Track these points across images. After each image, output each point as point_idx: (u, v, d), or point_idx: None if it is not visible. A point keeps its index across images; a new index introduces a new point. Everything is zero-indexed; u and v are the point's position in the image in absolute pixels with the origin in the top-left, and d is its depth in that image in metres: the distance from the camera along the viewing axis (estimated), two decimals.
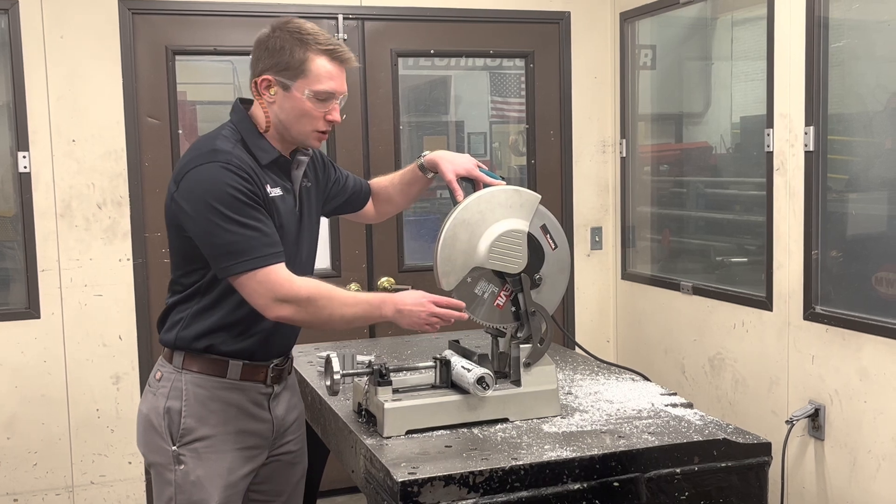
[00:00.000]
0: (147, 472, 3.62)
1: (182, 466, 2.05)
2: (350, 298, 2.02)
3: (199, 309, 2.06)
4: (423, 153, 2.36)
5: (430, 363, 2.26)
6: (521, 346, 2.19)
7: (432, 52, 4.11)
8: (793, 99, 3.13)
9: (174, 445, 2.06)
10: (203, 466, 2.05)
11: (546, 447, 1.97)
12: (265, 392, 2.15)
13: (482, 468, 1.84)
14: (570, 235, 4.25)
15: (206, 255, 1.97)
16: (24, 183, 3.52)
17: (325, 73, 2.01)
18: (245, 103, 2.12)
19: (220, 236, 1.92)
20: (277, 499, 2.26)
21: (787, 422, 3.10)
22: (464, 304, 2.08)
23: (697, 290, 3.75)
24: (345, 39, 3.88)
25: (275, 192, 2.04)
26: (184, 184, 1.96)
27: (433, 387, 2.21)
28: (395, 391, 2.14)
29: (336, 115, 2.05)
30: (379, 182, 2.51)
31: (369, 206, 2.50)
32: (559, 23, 4.21)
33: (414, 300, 2.03)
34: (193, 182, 1.95)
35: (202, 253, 1.98)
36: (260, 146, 2.04)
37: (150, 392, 2.13)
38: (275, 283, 1.93)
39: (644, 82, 4.21)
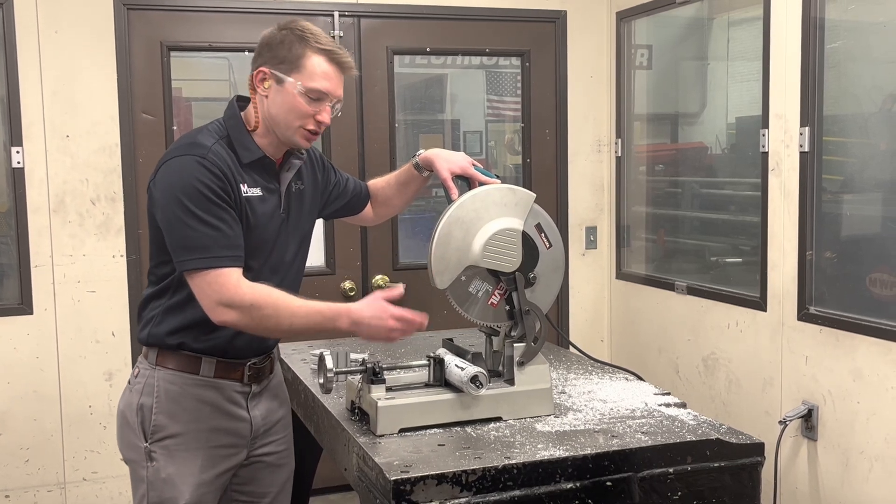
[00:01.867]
0: None
1: (154, 463, 2.05)
2: (301, 308, 1.96)
3: (171, 305, 2.05)
4: (418, 152, 2.36)
5: (424, 361, 2.25)
6: (515, 344, 2.19)
7: (428, 49, 4.11)
8: (788, 100, 3.13)
9: (146, 442, 2.05)
10: (174, 464, 2.04)
11: (539, 446, 1.96)
12: (242, 391, 2.13)
13: (475, 467, 1.84)
14: (564, 234, 4.25)
15: (168, 247, 1.96)
16: (17, 178, 3.50)
17: (320, 71, 2.00)
18: (241, 101, 2.11)
19: (179, 229, 1.91)
20: (262, 500, 2.24)
21: (780, 422, 3.11)
22: (424, 315, 2.02)
23: (692, 290, 3.75)
24: (340, 37, 3.88)
25: (252, 192, 2.02)
26: (159, 173, 1.97)
27: (426, 385, 2.21)
28: (389, 389, 2.13)
29: (326, 117, 2.03)
30: (375, 183, 2.49)
31: (367, 208, 2.49)
32: (555, 22, 4.21)
33: (372, 313, 1.98)
34: (167, 172, 1.95)
35: None
36: (244, 144, 2.03)
37: (128, 388, 2.13)
38: (221, 286, 1.91)
39: (640, 82, 4.21)
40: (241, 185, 2.01)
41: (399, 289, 2.05)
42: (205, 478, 2.06)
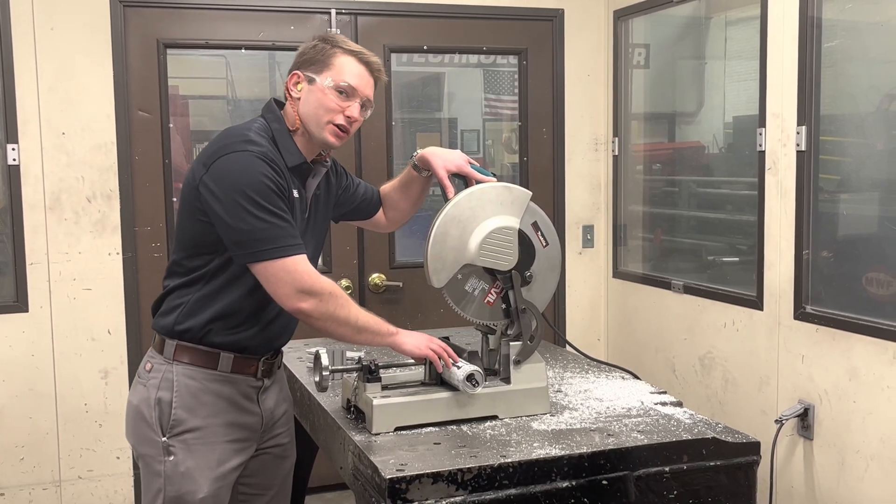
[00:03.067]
0: (136, 467, 3.60)
1: (171, 457, 2.06)
2: (363, 310, 2.08)
3: (202, 296, 2.06)
4: (415, 151, 2.36)
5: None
6: (511, 343, 2.19)
7: (425, 47, 4.10)
8: (785, 99, 3.13)
9: (164, 436, 2.06)
10: (193, 458, 2.06)
11: (535, 445, 1.96)
12: (255, 385, 2.16)
13: (471, 465, 1.84)
14: (561, 233, 4.25)
15: (229, 241, 1.97)
16: (12, 175, 3.49)
17: (348, 69, 2.08)
18: (278, 104, 2.16)
19: (248, 222, 1.93)
20: (267, 492, 2.27)
21: (776, 421, 3.11)
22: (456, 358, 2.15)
23: (688, 289, 3.75)
24: (337, 34, 3.86)
25: (294, 193, 2.07)
26: (216, 167, 1.97)
27: (422, 384, 2.21)
28: (384, 388, 2.14)
29: (354, 112, 2.08)
30: (384, 188, 2.52)
31: (380, 214, 2.51)
32: (553, 20, 4.21)
33: (419, 333, 2.16)
34: (227, 167, 1.96)
35: (215, 239, 1.99)
36: (288, 148, 2.08)
37: (140, 383, 2.13)
38: (301, 274, 1.96)
39: (637, 81, 4.21)
40: (288, 187, 2.06)
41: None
42: (221, 471, 2.09)
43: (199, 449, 2.07)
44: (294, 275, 1.95)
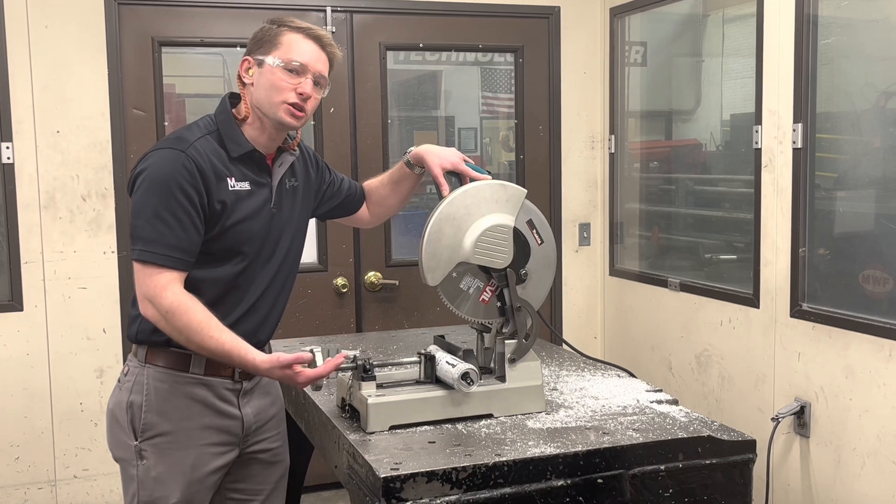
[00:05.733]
0: None
1: (144, 462, 2.04)
2: (215, 340, 1.92)
3: None
4: (410, 149, 2.35)
5: (415, 358, 2.24)
6: (507, 341, 2.18)
7: (421, 45, 4.09)
8: (781, 96, 3.13)
9: (136, 440, 2.04)
10: (164, 462, 2.04)
11: (530, 443, 1.96)
12: (233, 388, 2.12)
13: (465, 464, 1.83)
14: (558, 231, 4.24)
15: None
16: (7, 174, 3.48)
17: (295, 46, 2.04)
18: (233, 98, 2.13)
19: (137, 217, 1.95)
20: (256, 497, 2.23)
21: (772, 419, 3.11)
22: (309, 356, 1.97)
23: (685, 287, 3.75)
24: (333, 32, 3.86)
25: (240, 185, 2.03)
26: (140, 162, 2.02)
27: (417, 382, 2.20)
28: (379, 386, 2.12)
29: (306, 88, 2.03)
30: (370, 184, 2.48)
31: (363, 209, 2.48)
32: (549, 17, 4.20)
33: (267, 370, 1.95)
34: (147, 163, 1.99)
35: None
36: (234, 139, 2.04)
37: (118, 387, 2.12)
38: (150, 282, 1.93)
39: (634, 78, 4.20)
40: (228, 179, 2.02)
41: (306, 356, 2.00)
42: (196, 476, 2.05)
43: (171, 453, 2.04)
44: (146, 280, 1.93)
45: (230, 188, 2.01)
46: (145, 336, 2.05)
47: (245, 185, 2.04)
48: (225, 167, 2.01)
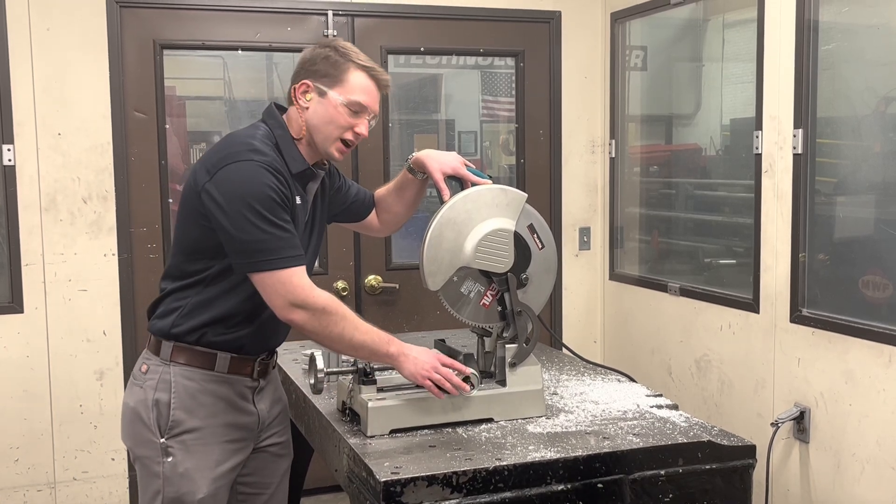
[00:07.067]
0: (131, 469, 3.59)
1: (170, 458, 2.06)
2: (362, 325, 2.04)
3: (201, 300, 2.06)
4: (411, 154, 2.35)
5: None
6: (507, 345, 2.18)
7: (422, 49, 4.10)
8: (782, 101, 3.13)
9: (163, 437, 2.06)
10: (191, 458, 2.07)
11: (530, 448, 1.96)
12: (251, 386, 2.16)
13: (466, 468, 1.83)
14: (558, 235, 4.24)
15: (231, 249, 1.97)
16: (8, 176, 3.48)
17: (361, 86, 2.08)
18: (279, 109, 2.16)
19: (251, 233, 1.93)
20: (265, 491, 2.28)
21: (772, 424, 3.11)
22: (466, 388, 2.09)
23: (685, 292, 3.75)
24: (334, 35, 3.86)
25: (297, 199, 2.08)
26: (220, 176, 1.97)
27: (418, 386, 2.20)
28: (380, 390, 2.13)
29: (363, 130, 2.10)
30: (379, 192, 2.52)
31: (373, 217, 2.51)
32: (550, 22, 4.21)
33: (422, 353, 2.08)
34: (231, 176, 1.96)
35: (216, 244, 2.00)
36: (292, 155, 2.08)
37: (136, 385, 2.13)
38: (295, 287, 1.96)
39: (634, 83, 4.21)
40: (292, 193, 2.06)
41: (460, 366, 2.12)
42: (220, 471, 2.09)
43: (197, 449, 2.07)
44: (288, 286, 1.95)
45: (294, 202, 2.06)
46: (179, 331, 2.06)
47: (298, 200, 2.09)
48: (288, 182, 2.05)
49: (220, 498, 2.10)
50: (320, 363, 2.11)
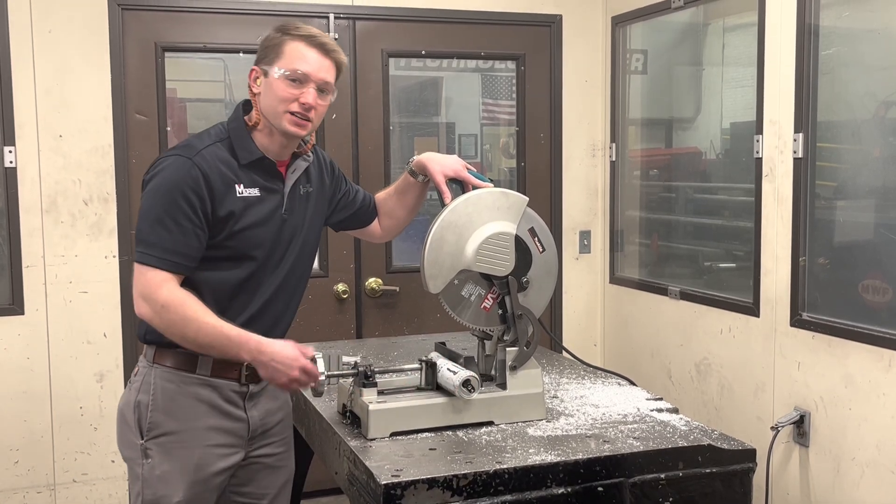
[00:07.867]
0: None
1: (149, 460, 2.06)
2: (209, 326, 1.95)
3: None
4: (412, 157, 2.35)
5: (416, 365, 2.25)
6: (508, 349, 2.18)
7: (423, 52, 4.10)
8: (782, 105, 3.14)
9: (142, 439, 2.06)
10: (169, 461, 2.05)
11: (531, 451, 1.96)
12: (240, 391, 2.13)
13: (466, 471, 1.84)
14: (558, 239, 4.25)
15: None
16: (9, 178, 3.48)
17: (298, 55, 2.05)
18: (248, 106, 2.15)
19: (141, 221, 2.00)
20: (260, 502, 2.24)
21: (772, 428, 3.11)
22: (320, 379, 2.00)
23: (685, 295, 3.75)
24: (336, 38, 3.87)
25: (249, 192, 2.06)
26: (151, 168, 2.06)
27: (418, 389, 2.20)
28: (380, 393, 2.13)
29: (309, 98, 2.04)
30: (379, 196, 2.50)
31: (374, 223, 2.49)
32: (550, 26, 4.21)
33: (281, 354, 1.97)
34: (157, 168, 2.04)
35: None
36: (244, 146, 2.07)
37: (128, 387, 2.15)
38: (146, 281, 1.97)
39: (635, 87, 4.21)
40: (237, 186, 2.04)
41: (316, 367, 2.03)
42: (200, 476, 2.07)
43: (176, 452, 2.05)
44: (141, 279, 1.98)
45: (238, 195, 2.04)
46: (154, 336, 2.06)
47: (254, 192, 2.06)
48: (233, 174, 2.04)
49: (200, 503, 2.08)
50: (321, 366, 2.10)
